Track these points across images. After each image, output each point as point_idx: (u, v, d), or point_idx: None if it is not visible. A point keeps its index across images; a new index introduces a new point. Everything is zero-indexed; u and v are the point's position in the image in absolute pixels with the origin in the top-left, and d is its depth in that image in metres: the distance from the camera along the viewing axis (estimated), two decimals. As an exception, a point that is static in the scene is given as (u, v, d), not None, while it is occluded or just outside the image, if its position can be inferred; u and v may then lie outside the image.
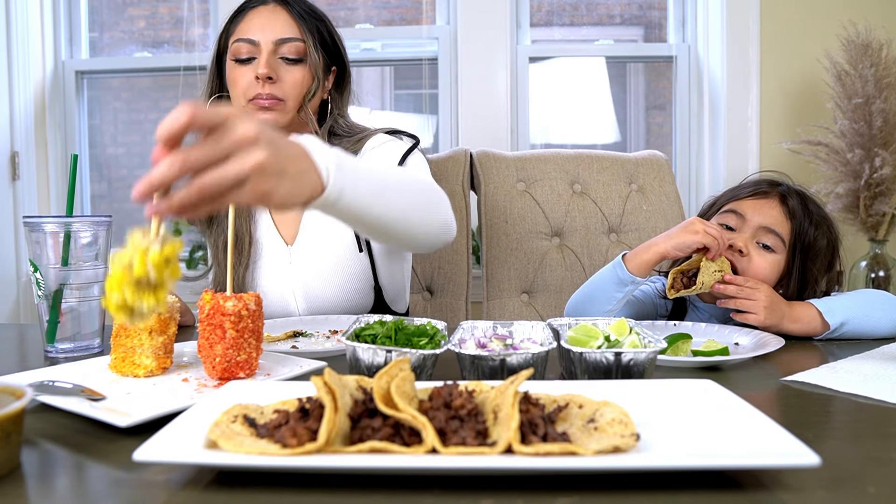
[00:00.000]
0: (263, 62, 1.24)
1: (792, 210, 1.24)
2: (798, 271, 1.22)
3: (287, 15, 1.28)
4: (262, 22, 1.26)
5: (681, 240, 1.14)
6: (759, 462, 0.52)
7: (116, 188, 2.76)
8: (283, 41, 1.26)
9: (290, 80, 1.27)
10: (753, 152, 2.40)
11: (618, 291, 1.19)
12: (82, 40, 2.67)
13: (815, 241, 1.23)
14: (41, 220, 0.97)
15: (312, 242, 1.33)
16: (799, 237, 1.22)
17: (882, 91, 2.00)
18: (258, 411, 0.61)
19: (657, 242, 1.16)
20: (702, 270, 1.15)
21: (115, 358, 0.84)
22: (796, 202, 1.25)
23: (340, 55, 1.36)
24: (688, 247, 1.14)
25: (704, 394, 0.68)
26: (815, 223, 1.24)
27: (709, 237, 1.13)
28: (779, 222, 1.23)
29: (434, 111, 2.59)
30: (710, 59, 2.49)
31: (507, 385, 0.57)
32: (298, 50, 1.27)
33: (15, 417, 0.55)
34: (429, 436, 0.53)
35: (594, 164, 1.90)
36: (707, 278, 1.14)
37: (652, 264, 1.17)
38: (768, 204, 1.25)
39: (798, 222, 1.23)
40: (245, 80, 1.26)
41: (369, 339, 0.85)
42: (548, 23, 2.65)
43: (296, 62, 1.27)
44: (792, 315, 1.10)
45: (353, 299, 1.35)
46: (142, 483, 0.54)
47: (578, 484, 0.52)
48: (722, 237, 1.14)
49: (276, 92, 1.25)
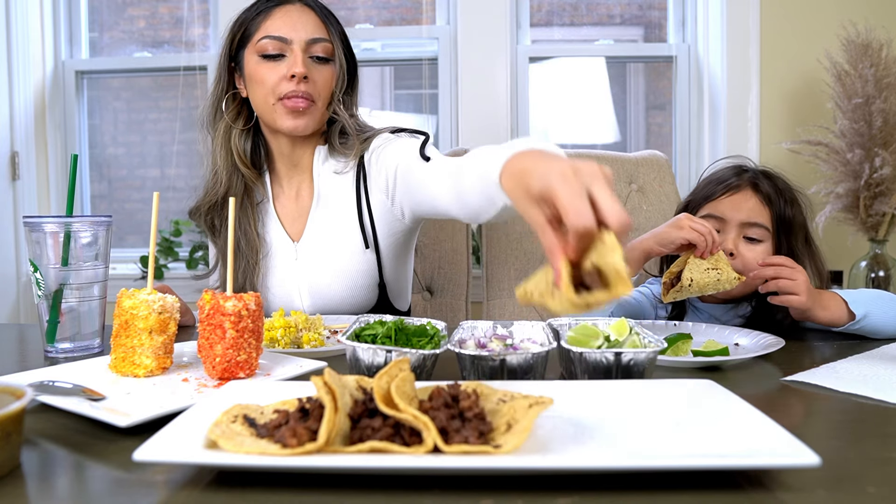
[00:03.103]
0: (300, 61, 1.24)
1: (767, 195, 1.24)
2: (786, 252, 1.23)
3: (315, 15, 1.29)
4: (292, 21, 1.26)
5: (664, 235, 1.13)
6: (759, 462, 0.52)
7: (116, 188, 2.76)
8: (315, 41, 1.27)
9: (320, 80, 1.28)
10: (753, 152, 2.40)
11: None
12: (82, 40, 2.67)
13: (794, 216, 1.24)
14: (41, 220, 0.97)
15: (319, 239, 1.34)
16: (780, 219, 1.23)
17: (882, 91, 1.99)
18: (258, 411, 0.61)
19: (642, 239, 1.16)
20: (689, 267, 1.12)
21: (115, 358, 0.84)
22: (768, 185, 1.25)
23: (353, 55, 1.37)
24: (671, 242, 1.12)
25: (704, 394, 0.68)
26: (789, 201, 1.25)
27: (694, 233, 1.11)
28: (758, 212, 1.23)
29: (434, 111, 2.59)
30: (710, 59, 2.49)
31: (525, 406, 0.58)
32: (327, 50, 1.28)
33: (15, 417, 0.56)
34: (431, 436, 0.53)
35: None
36: (697, 276, 1.11)
37: (638, 261, 1.16)
38: (743, 197, 1.24)
39: (776, 206, 1.23)
40: (274, 77, 1.25)
41: (369, 339, 0.86)
42: (548, 23, 2.65)
43: (325, 62, 1.28)
44: (822, 302, 1.09)
45: (358, 296, 1.35)
46: (142, 483, 0.54)
47: (578, 484, 0.52)
48: (711, 233, 1.12)
49: (311, 90, 1.26)
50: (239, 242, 1.32)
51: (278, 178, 1.39)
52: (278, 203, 1.38)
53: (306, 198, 1.37)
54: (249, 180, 1.35)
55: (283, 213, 1.37)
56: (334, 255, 1.33)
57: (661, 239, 1.13)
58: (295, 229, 1.36)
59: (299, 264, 1.34)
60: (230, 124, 1.33)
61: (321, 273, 1.33)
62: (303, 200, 1.37)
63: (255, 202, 1.36)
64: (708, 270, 1.11)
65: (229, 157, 1.33)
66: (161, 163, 2.71)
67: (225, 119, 1.33)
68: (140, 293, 0.84)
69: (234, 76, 1.34)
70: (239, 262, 1.31)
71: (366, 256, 1.33)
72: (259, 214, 1.37)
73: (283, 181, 1.38)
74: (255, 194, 1.36)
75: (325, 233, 1.34)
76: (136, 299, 0.83)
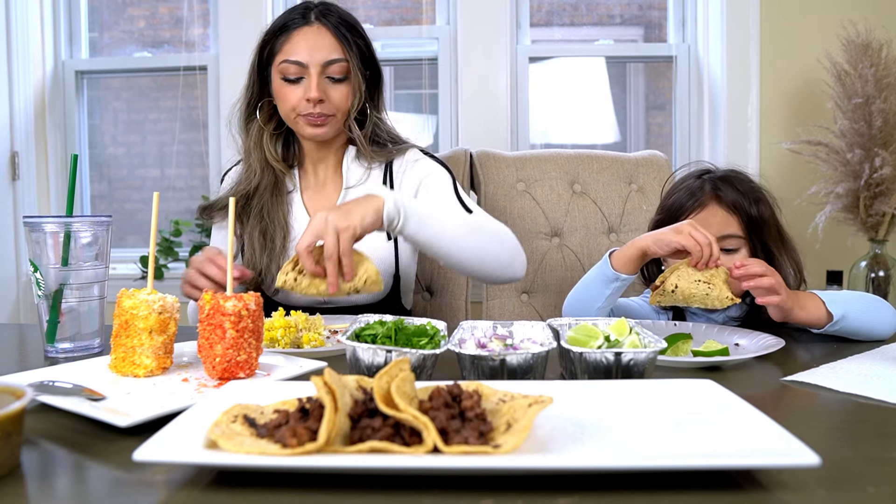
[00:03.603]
0: (314, 86, 1.31)
1: (732, 203, 1.24)
2: (760, 251, 1.24)
3: (331, 36, 1.34)
4: (308, 44, 1.33)
5: (661, 236, 1.12)
6: (759, 462, 0.52)
7: (116, 188, 2.76)
8: (330, 63, 1.33)
9: (336, 98, 1.35)
10: (753, 152, 2.40)
11: (605, 288, 1.19)
12: (82, 40, 2.67)
13: (761, 214, 1.24)
14: (41, 220, 0.97)
15: None
16: (749, 222, 1.24)
17: (882, 91, 1.99)
18: (258, 411, 0.61)
19: (640, 238, 1.16)
20: (678, 273, 1.08)
21: (115, 358, 0.84)
22: (730, 192, 1.25)
23: (375, 61, 1.43)
24: (666, 244, 1.11)
25: (704, 394, 0.68)
26: (754, 201, 1.25)
27: (690, 240, 1.08)
28: (727, 223, 1.24)
29: (434, 111, 2.59)
30: (710, 59, 2.49)
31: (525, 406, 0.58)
32: (343, 70, 1.35)
33: (15, 417, 0.56)
34: (431, 436, 0.53)
35: (594, 164, 1.90)
36: (684, 284, 1.07)
37: (635, 260, 1.16)
38: (710, 212, 1.25)
39: (742, 211, 1.24)
40: (295, 98, 1.34)
41: (369, 339, 0.86)
42: (548, 23, 2.65)
43: (341, 80, 1.35)
44: (800, 302, 1.09)
45: None
46: (142, 483, 0.54)
47: (578, 484, 0.52)
48: (710, 246, 1.08)
49: (326, 110, 1.34)
50: (267, 229, 1.40)
51: (307, 172, 1.48)
52: (306, 195, 1.47)
53: (334, 190, 1.46)
54: (280, 173, 1.44)
55: (309, 204, 1.45)
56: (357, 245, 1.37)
57: (657, 239, 1.13)
58: None
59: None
60: (262, 127, 1.42)
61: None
62: (330, 192, 1.46)
63: (285, 192, 1.45)
64: (698, 282, 1.07)
65: (262, 155, 1.42)
66: (161, 163, 2.71)
67: (258, 122, 1.42)
68: (140, 293, 0.84)
69: (265, 84, 1.41)
70: (266, 247, 1.39)
71: (387, 246, 1.41)
72: (288, 205, 1.45)
73: (311, 174, 1.48)
74: (285, 185, 1.45)
75: None
76: (136, 299, 0.83)
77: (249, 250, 1.41)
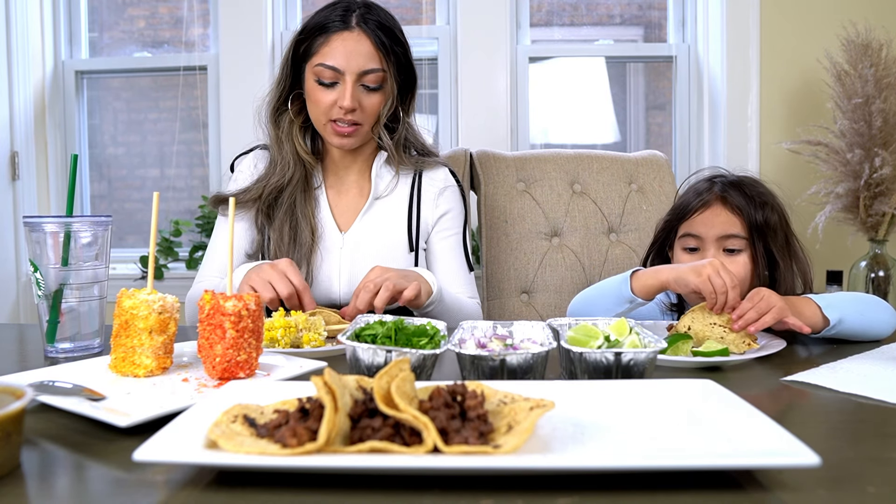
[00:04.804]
0: (348, 95, 1.30)
1: (736, 205, 1.24)
2: (763, 256, 1.24)
3: (370, 44, 1.32)
4: (347, 51, 1.31)
5: (682, 276, 1.09)
6: (759, 462, 0.52)
7: (116, 188, 2.76)
8: (367, 72, 1.32)
9: (368, 106, 1.35)
10: (753, 152, 2.40)
11: (618, 306, 1.18)
12: (82, 40, 2.67)
13: (767, 220, 1.24)
14: (41, 220, 0.97)
15: (366, 231, 1.42)
16: (753, 225, 1.24)
17: (882, 91, 1.99)
18: (258, 411, 0.61)
19: (664, 270, 1.14)
20: (693, 315, 1.06)
21: (115, 358, 0.84)
22: (736, 194, 1.25)
23: (411, 67, 1.42)
24: (685, 284, 1.09)
25: (704, 394, 0.68)
26: (760, 205, 1.25)
27: (708, 285, 1.04)
28: (731, 224, 1.24)
29: (434, 111, 2.59)
30: (710, 59, 2.49)
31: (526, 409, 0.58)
32: (378, 79, 1.34)
33: (15, 417, 0.56)
34: (431, 436, 0.53)
35: (594, 164, 1.90)
36: (698, 326, 1.04)
37: (655, 290, 1.15)
38: (714, 212, 1.25)
39: (746, 213, 1.24)
40: (326, 102, 1.33)
41: (369, 339, 0.86)
42: (548, 23, 2.65)
43: (375, 90, 1.34)
44: (796, 307, 1.08)
45: None
46: (142, 483, 0.54)
47: (578, 484, 0.52)
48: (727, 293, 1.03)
49: (357, 118, 1.34)
50: (298, 224, 1.40)
51: (334, 171, 1.48)
52: (330, 193, 1.46)
53: (359, 193, 1.46)
54: (309, 166, 1.43)
55: (333, 204, 1.45)
56: (377, 248, 1.41)
57: (678, 277, 1.10)
58: (344, 220, 1.44)
59: (343, 252, 1.41)
60: (293, 119, 1.42)
61: (363, 261, 1.39)
62: (355, 195, 1.46)
63: (313, 187, 1.45)
64: (713, 326, 1.03)
65: (294, 148, 1.42)
66: (161, 163, 2.71)
67: (289, 115, 1.41)
68: (140, 293, 0.84)
69: (298, 79, 1.40)
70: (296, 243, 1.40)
71: (407, 257, 1.43)
72: (315, 200, 1.45)
73: (338, 174, 1.48)
74: (313, 181, 1.45)
75: (375, 228, 1.42)
76: (136, 299, 0.83)
77: (276, 245, 1.41)
